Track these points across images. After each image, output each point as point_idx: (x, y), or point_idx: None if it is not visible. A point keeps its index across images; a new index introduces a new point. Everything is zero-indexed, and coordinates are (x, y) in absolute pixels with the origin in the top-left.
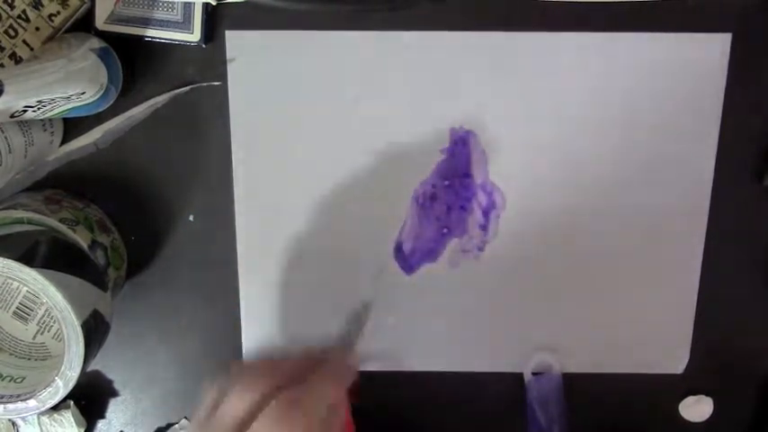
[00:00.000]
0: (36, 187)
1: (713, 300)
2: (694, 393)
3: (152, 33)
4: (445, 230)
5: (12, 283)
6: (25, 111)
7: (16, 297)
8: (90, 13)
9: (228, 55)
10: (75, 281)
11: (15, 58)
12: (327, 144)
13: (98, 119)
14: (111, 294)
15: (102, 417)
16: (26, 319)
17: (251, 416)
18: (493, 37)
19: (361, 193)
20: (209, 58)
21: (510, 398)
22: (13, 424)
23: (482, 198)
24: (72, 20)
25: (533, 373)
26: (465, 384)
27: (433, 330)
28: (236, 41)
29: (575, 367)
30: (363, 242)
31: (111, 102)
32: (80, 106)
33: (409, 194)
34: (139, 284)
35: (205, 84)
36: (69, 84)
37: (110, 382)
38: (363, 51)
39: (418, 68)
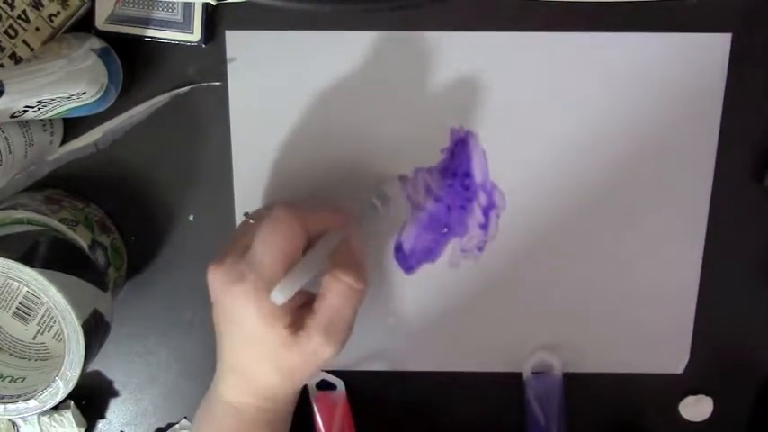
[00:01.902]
0: (36, 187)
1: (713, 300)
2: (694, 393)
3: (152, 33)
4: (445, 230)
5: (12, 284)
6: (25, 111)
7: (16, 297)
8: (90, 13)
9: (228, 55)
10: (75, 281)
11: (15, 59)
12: (327, 144)
13: (98, 119)
14: (111, 294)
15: (102, 417)
16: (26, 320)
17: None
18: (493, 37)
19: (361, 192)
20: (209, 58)
21: (510, 397)
22: (14, 424)
23: (482, 198)
24: (72, 20)
25: (533, 373)
26: (465, 384)
27: (433, 330)
28: (236, 41)
29: (575, 367)
30: None
31: (111, 102)
32: (80, 106)
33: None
34: (139, 284)
35: (205, 84)
36: (69, 84)
37: (110, 382)
38: (363, 51)
39: (418, 68)
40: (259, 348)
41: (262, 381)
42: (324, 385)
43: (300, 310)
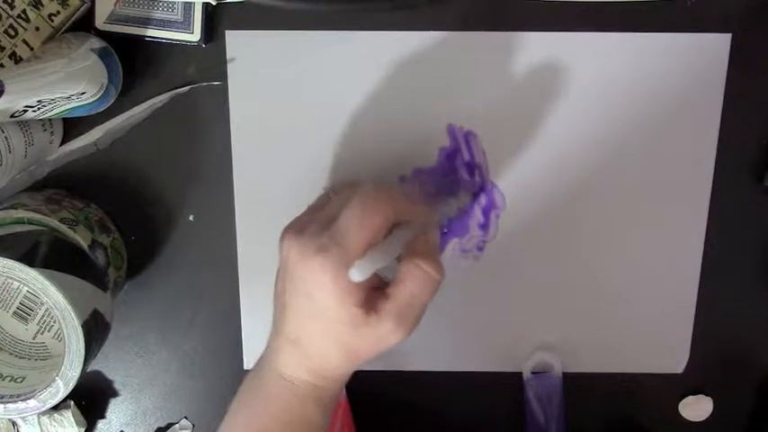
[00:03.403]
0: (36, 187)
1: (713, 300)
2: (694, 393)
3: (152, 33)
4: (445, 230)
5: (12, 283)
6: (25, 111)
7: (16, 297)
8: (90, 13)
9: (228, 55)
10: (75, 281)
11: (15, 58)
12: (327, 144)
13: (98, 119)
14: (112, 294)
15: (103, 417)
16: (26, 319)
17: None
18: (493, 37)
19: None
20: (209, 58)
21: (510, 397)
22: (14, 424)
23: (482, 198)
24: (72, 20)
25: (533, 373)
26: (465, 384)
27: (433, 330)
28: (236, 41)
29: (575, 367)
30: None
31: (111, 102)
32: (80, 106)
33: None
34: (139, 284)
35: (205, 84)
36: (69, 84)
37: (110, 382)
38: (363, 51)
39: (418, 68)
40: (326, 324)
41: (321, 357)
42: None
43: (373, 293)
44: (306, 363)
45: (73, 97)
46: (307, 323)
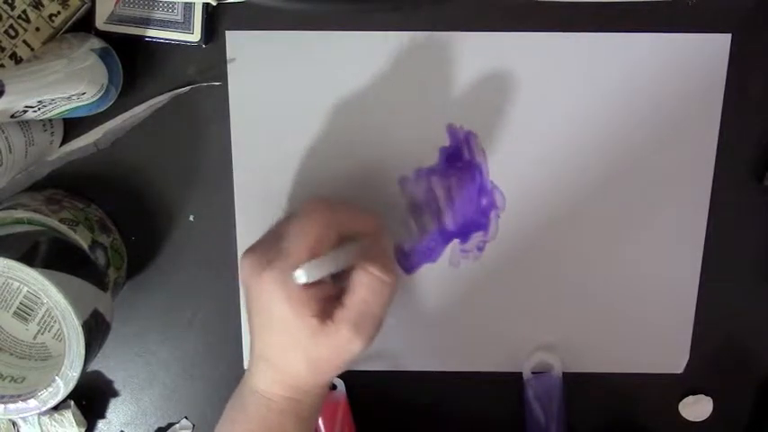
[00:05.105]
0: (36, 187)
1: (713, 300)
2: (694, 393)
3: (152, 33)
4: (448, 230)
5: (12, 284)
6: (26, 111)
7: (17, 297)
8: (90, 13)
9: (228, 55)
10: (75, 281)
11: (16, 59)
12: (327, 144)
13: (98, 119)
14: (112, 294)
15: (103, 417)
16: (26, 320)
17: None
18: (493, 37)
19: (361, 193)
20: (209, 58)
21: (510, 397)
22: (14, 424)
23: (482, 198)
24: (72, 20)
25: (533, 373)
26: (465, 384)
27: (433, 330)
28: (236, 41)
29: (575, 367)
30: None
31: (111, 102)
32: (80, 106)
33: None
34: (139, 284)
35: (205, 84)
36: (70, 84)
37: (110, 382)
38: (363, 51)
39: (418, 68)
40: (287, 336)
41: (289, 370)
42: None
43: (331, 303)
44: (277, 377)
45: (73, 97)
46: (269, 337)
